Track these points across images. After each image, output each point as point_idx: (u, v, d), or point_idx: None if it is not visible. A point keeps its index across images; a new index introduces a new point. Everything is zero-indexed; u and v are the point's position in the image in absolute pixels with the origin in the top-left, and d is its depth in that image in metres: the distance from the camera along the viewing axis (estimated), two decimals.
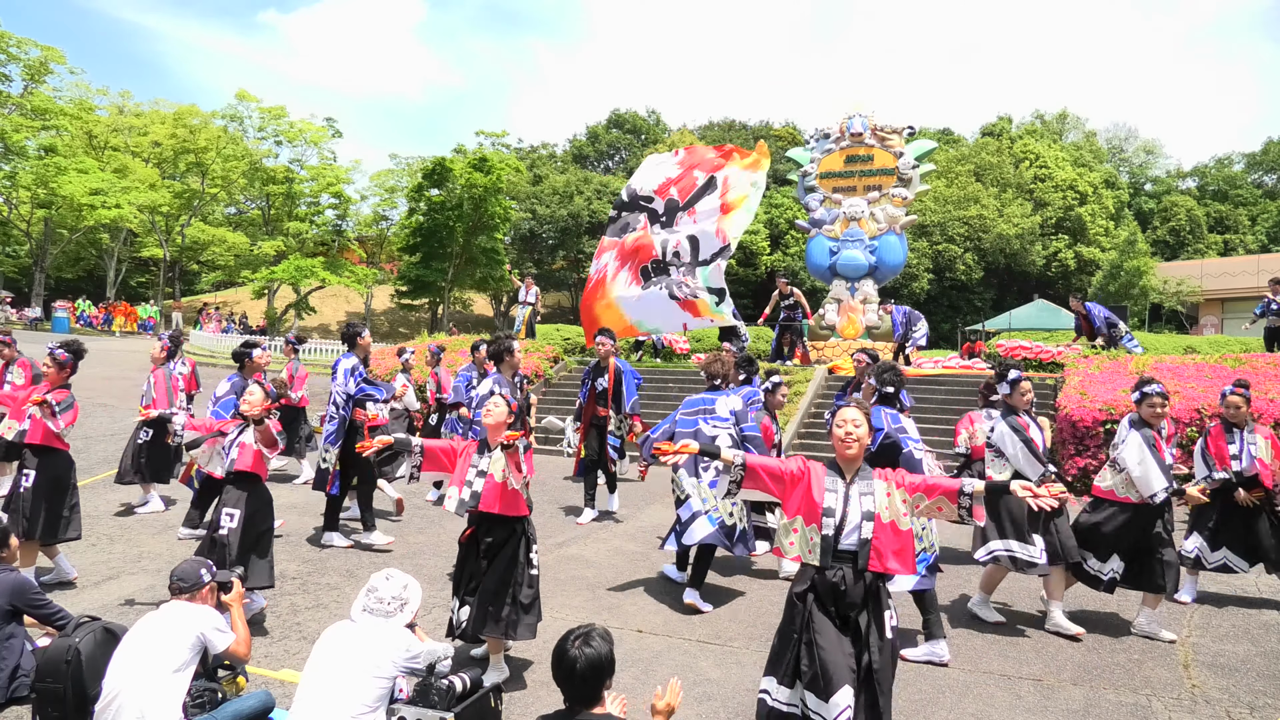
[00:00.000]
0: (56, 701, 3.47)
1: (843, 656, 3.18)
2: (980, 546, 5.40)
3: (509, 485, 4.30)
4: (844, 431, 3.39)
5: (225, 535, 5.03)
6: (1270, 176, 51.22)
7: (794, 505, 3.42)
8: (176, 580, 3.60)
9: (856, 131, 16.14)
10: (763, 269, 39.29)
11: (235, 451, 5.22)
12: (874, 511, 3.29)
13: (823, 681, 3.15)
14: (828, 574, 3.28)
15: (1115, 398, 10.00)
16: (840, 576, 3.27)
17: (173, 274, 42.86)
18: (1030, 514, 5.18)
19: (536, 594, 4.44)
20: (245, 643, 3.67)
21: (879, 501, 3.32)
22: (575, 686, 2.66)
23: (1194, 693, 4.46)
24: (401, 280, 38.33)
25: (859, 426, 3.39)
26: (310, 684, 3.25)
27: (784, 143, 47.78)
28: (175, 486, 8.24)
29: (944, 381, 13.32)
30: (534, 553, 4.48)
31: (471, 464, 4.41)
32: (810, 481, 3.40)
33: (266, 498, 5.35)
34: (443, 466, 4.52)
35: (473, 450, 4.47)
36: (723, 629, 5.32)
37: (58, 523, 5.69)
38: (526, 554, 4.42)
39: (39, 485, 5.64)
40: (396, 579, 3.52)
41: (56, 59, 34.68)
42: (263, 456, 5.28)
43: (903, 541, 3.31)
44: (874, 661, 3.22)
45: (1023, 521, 5.23)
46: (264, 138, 39.99)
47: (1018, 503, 4.44)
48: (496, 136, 45.06)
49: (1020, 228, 38.36)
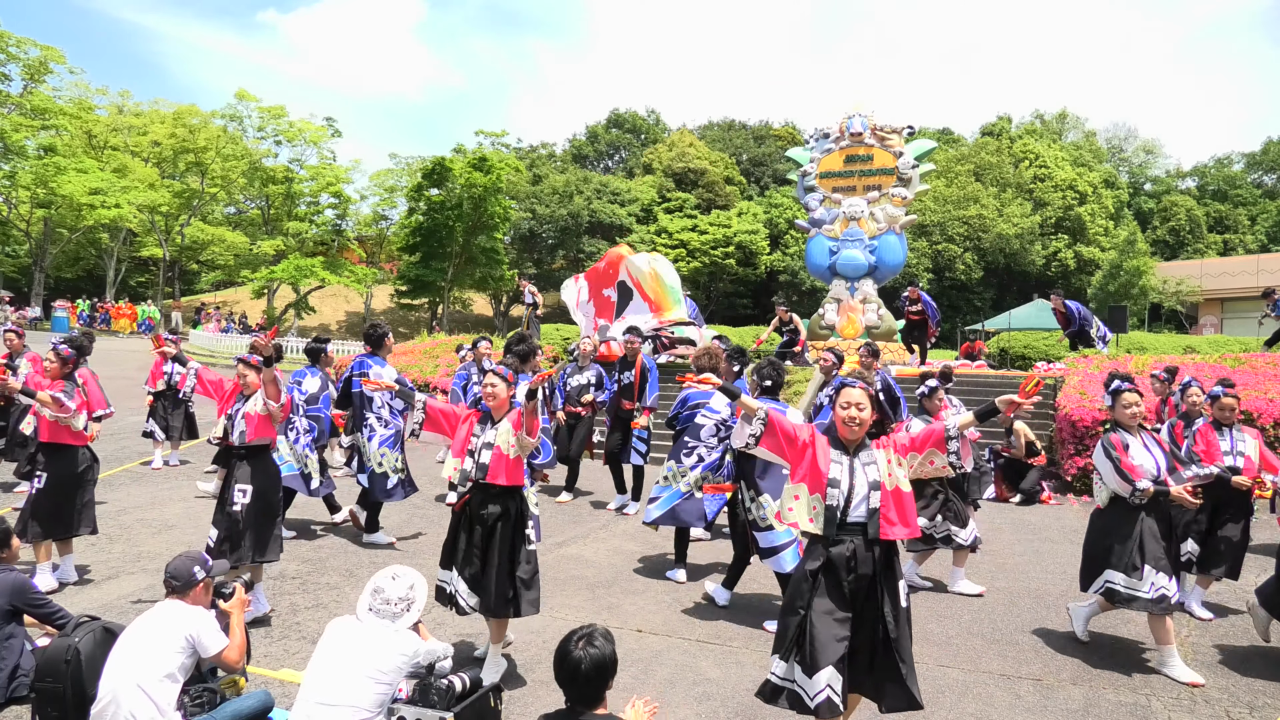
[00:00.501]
0: (56, 701, 3.47)
1: (833, 637, 3.23)
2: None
3: (512, 456, 4.36)
4: (848, 414, 3.41)
5: (239, 511, 5.13)
6: (1270, 176, 51.24)
7: (801, 472, 3.47)
8: (169, 578, 3.55)
9: (856, 131, 16.14)
10: (762, 269, 39.30)
11: (242, 423, 5.23)
12: (879, 480, 3.35)
13: (809, 659, 3.21)
14: (839, 547, 3.32)
15: None
16: (852, 549, 3.31)
17: (172, 274, 42.86)
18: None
19: (536, 568, 4.49)
20: (239, 650, 3.57)
21: (882, 470, 3.38)
22: (579, 687, 2.66)
23: (1194, 692, 4.46)
24: (401, 280, 38.34)
25: (863, 409, 3.40)
26: (314, 685, 3.24)
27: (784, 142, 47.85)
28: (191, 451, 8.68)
29: None
30: (530, 527, 4.54)
31: (474, 433, 4.45)
32: (816, 451, 3.44)
33: (274, 470, 5.45)
34: (442, 430, 4.59)
35: (475, 420, 4.51)
36: (723, 629, 5.32)
37: (70, 519, 5.72)
38: (523, 529, 4.47)
39: (49, 484, 5.68)
40: (403, 579, 3.49)
41: (56, 59, 34.65)
42: (269, 421, 5.28)
43: (906, 505, 3.38)
44: (890, 630, 3.28)
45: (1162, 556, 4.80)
46: (263, 137, 40.00)
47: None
48: (496, 136, 45.08)
49: (1020, 227, 38.37)
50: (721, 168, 44.07)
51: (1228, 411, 5.90)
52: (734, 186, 44.42)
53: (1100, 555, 4.95)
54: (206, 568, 3.66)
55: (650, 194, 41.56)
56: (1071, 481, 10.05)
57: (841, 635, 3.25)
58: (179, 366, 10.08)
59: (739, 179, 45.94)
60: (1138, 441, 4.90)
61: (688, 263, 37.25)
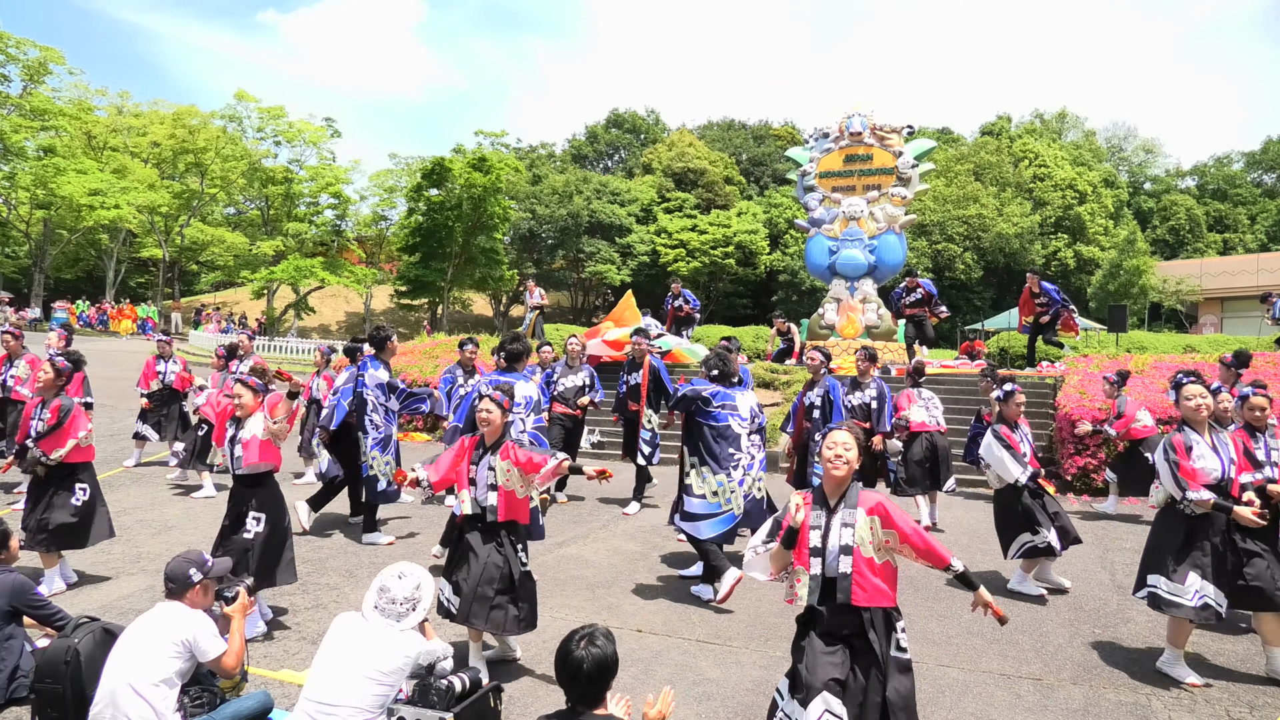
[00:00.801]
0: (56, 702, 3.46)
1: (826, 668, 3.10)
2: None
3: (520, 495, 4.43)
4: (833, 454, 3.28)
5: (251, 539, 4.95)
6: (1269, 175, 51.24)
7: (800, 555, 3.30)
8: (167, 580, 3.53)
9: (856, 131, 16.14)
10: (762, 268, 39.29)
11: (240, 450, 5.05)
12: (852, 545, 3.17)
13: (805, 692, 3.10)
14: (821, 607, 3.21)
15: None
16: (828, 608, 3.18)
17: (172, 274, 42.85)
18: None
19: (532, 590, 4.51)
20: (236, 656, 3.53)
21: (860, 534, 3.19)
22: (580, 687, 2.66)
23: (1194, 692, 4.46)
24: (401, 280, 38.31)
25: (849, 449, 3.27)
26: (316, 684, 3.24)
27: (783, 142, 47.87)
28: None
29: (943, 380, 13.32)
30: (521, 550, 4.54)
31: (473, 461, 4.45)
32: (805, 528, 3.28)
33: (281, 495, 5.28)
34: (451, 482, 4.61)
35: (470, 449, 4.49)
36: (723, 629, 5.32)
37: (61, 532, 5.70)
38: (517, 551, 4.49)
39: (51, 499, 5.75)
40: (410, 578, 3.47)
41: (55, 59, 34.64)
42: (270, 444, 5.09)
43: (885, 574, 3.19)
44: (887, 691, 3.08)
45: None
46: (263, 138, 40.00)
47: None
48: (496, 136, 45.05)
49: (1019, 227, 38.37)
50: (721, 167, 44.07)
51: (1258, 413, 5.39)
52: (734, 186, 44.43)
53: (1149, 558, 4.80)
54: (204, 569, 3.61)
55: (650, 194, 41.57)
56: (1072, 481, 10.05)
57: (837, 661, 3.10)
58: (173, 366, 10.12)
59: (739, 179, 45.96)
60: (1205, 442, 4.64)
61: (688, 262, 37.26)
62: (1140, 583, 4.85)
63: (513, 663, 4.65)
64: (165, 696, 3.24)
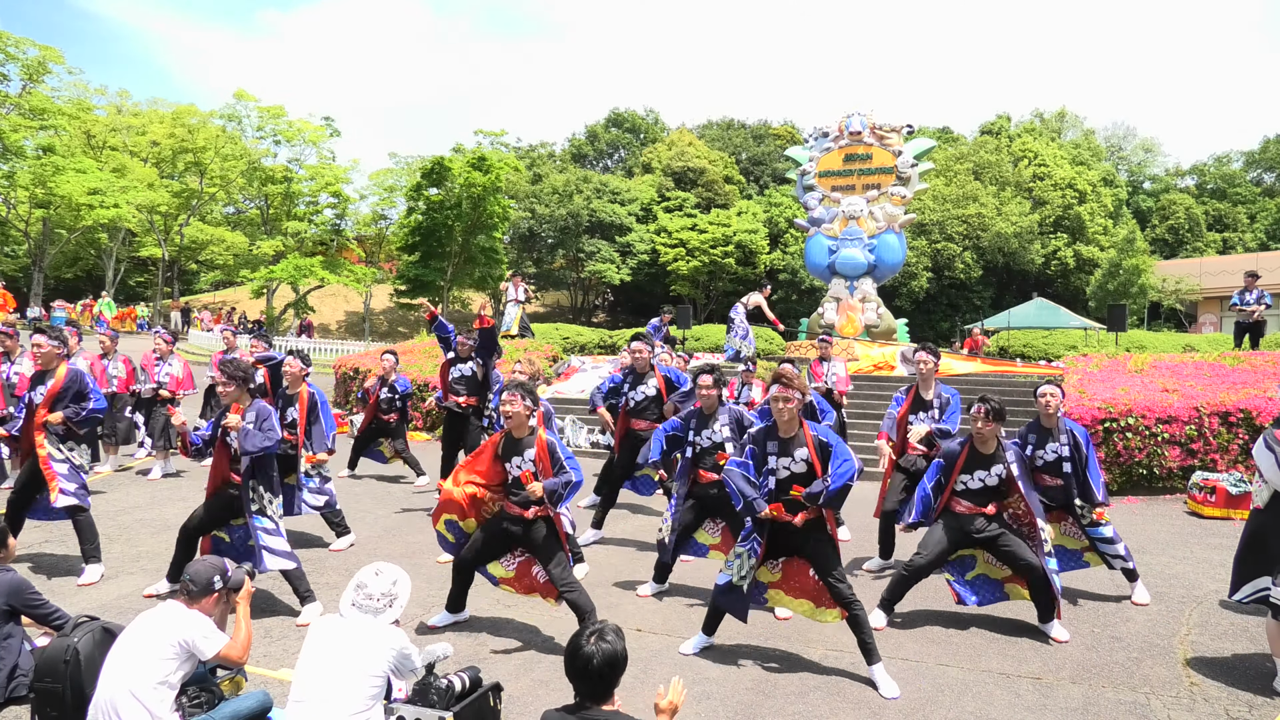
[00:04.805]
0: (55, 701, 3.46)
1: None
2: None
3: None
4: None
5: None
6: (1269, 174, 51.20)
7: None
8: (188, 581, 3.52)
9: (855, 130, 16.15)
10: (762, 268, 39.28)
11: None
12: None
13: None
14: None
15: (1114, 396, 9.99)
16: None
17: (171, 274, 42.82)
18: None
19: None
20: (243, 646, 3.54)
21: None
22: (590, 682, 2.69)
23: (1193, 691, 4.46)
24: (400, 279, 38.26)
25: None
26: (304, 683, 3.23)
27: (783, 141, 47.84)
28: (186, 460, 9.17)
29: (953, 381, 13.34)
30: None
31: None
32: None
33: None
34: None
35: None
36: (722, 629, 5.30)
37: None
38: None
39: None
40: (386, 574, 3.47)
41: (55, 59, 34.56)
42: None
43: None
44: None
45: None
46: (262, 137, 39.94)
47: None
48: (495, 136, 45.01)
49: (1019, 226, 38.35)
50: (721, 167, 44.05)
51: None
52: (733, 185, 44.40)
53: (1255, 560, 4.53)
54: (226, 578, 3.64)
55: (650, 193, 41.54)
56: None
57: None
58: (170, 368, 10.06)
59: (738, 178, 45.92)
60: None
61: (687, 262, 37.24)
62: (1238, 584, 4.60)
63: (512, 663, 4.65)
64: (163, 698, 3.24)
